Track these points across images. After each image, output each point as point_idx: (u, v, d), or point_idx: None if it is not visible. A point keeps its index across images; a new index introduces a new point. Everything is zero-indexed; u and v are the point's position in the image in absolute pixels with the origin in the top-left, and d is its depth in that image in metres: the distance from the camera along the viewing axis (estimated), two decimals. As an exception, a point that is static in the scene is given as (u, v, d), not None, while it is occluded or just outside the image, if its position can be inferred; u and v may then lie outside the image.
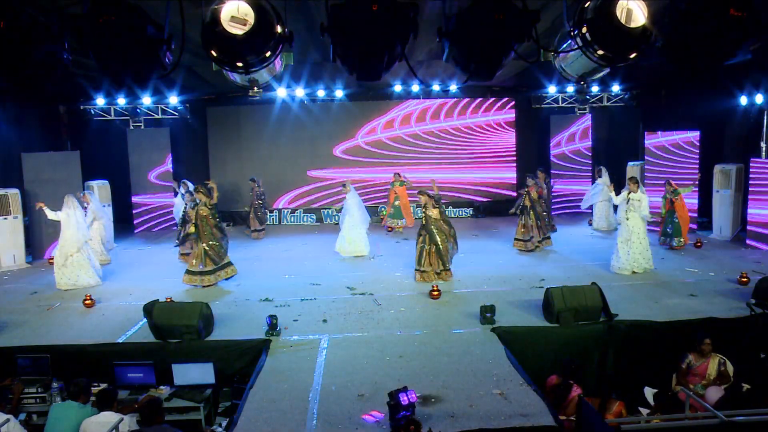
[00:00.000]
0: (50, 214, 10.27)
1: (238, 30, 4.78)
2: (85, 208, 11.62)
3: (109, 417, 5.48)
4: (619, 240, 10.46)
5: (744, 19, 4.74)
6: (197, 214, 10.15)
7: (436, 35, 5.85)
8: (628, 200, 10.37)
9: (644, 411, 7.11)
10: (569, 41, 5.75)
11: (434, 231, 10.13)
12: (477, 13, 4.78)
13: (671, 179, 12.78)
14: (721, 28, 4.86)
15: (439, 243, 10.11)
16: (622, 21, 4.97)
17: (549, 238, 12.62)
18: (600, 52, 5.17)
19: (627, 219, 10.37)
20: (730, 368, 6.91)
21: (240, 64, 5.20)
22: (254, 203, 15.32)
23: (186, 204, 12.24)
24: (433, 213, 10.17)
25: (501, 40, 4.87)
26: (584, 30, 5.11)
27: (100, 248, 12.30)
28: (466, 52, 5.11)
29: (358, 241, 12.44)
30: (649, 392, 7.12)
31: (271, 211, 17.07)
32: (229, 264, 10.38)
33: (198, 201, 10.27)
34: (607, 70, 6.21)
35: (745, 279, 9.35)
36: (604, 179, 14.59)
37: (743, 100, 13.03)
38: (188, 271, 10.17)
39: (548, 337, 7.67)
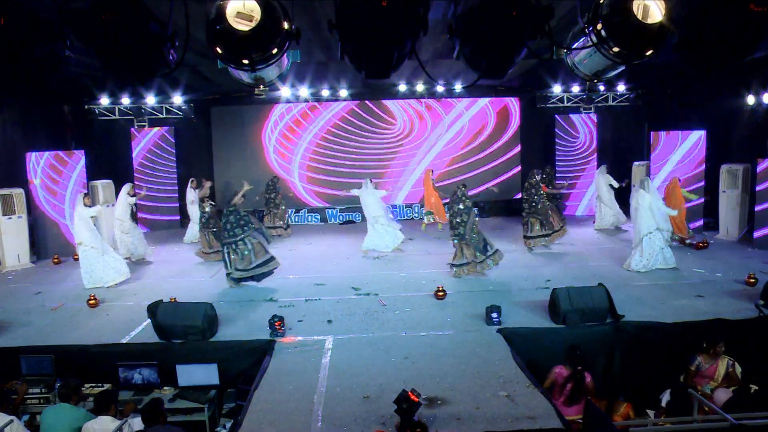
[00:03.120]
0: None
1: (243, 26, 4.72)
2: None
3: (106, 423, 5.43)
4: (635, 239, 10.62)
5: (765, 14, 4.65)
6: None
7: (441, 33, 5.78)
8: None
9: (651, 413, 7.06)
10: (583, 38, 5.67)
11: None
12: (489, 9, 4.70)
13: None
14: (741, 24, 4.77)
15: None
16: (639, 17, 4.87)
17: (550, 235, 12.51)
18: (615, 49, 5.07)
19: (636, 219, 10.53)
20: (738, 370, 6.84)
21: (246, 62, 5.13)
22: (273, 201, 15.28)
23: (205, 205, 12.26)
24: None
25: (514, 37, 4.77)
26: (599, 26, 5.02)
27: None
28: (478, 50, 5.02)
29: (385, 233, 12.49)
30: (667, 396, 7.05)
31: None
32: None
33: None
34: (621, 68, 6.10)
35: (752, 280, 9.28)
36: (603, 178, 14.62)
37: (750, 100, 12.93)
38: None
39: (555, 339, 7.60)
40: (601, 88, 16.51)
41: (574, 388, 6.34)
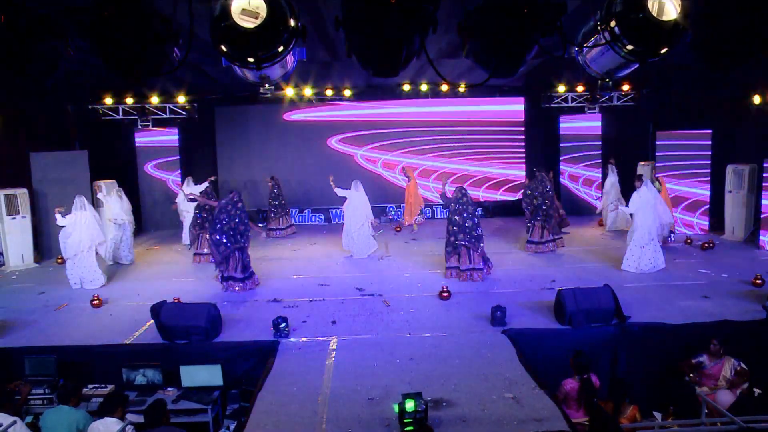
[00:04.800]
0: (60, 220, 10.22)
1: (249, 23, 4.65)
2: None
3: (110, 425, 5.39)
4: (630, 238, 10.55)
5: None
6: None
7: (445, 32, 5.69)
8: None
9: (658, 415, 7.01)
10: (596, 36, 5.60)
11: None
12: (500, 5, 4.61)
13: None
14: (758, 21, 4.67)
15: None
16: (654, 14, 4.78)
17: (561, 238, 12.44)
18: (629, 47, 4.99)
19: (634, 216, 10.50)
20: (745, 372, 6.79)
21: (251, 60, 5.06)
22: (271, 202, 15.25)
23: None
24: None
25: (526, 34, 4.68)
26: (613, 24, 4.93)
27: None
28: (488, 48, 4.92)
29: (367, 239, 12.44)
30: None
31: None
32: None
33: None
34: (634, 66, 6.02)
35: (759, 281, 9.21)
36: (613, 178, 14.50)
37: (756, 99, 12.84)
38: None
39: (560, 340, 7.56)
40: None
41: (588, 398, 6.26)
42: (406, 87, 16.40)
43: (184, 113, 16.75)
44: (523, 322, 7.93)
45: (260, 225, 14.67)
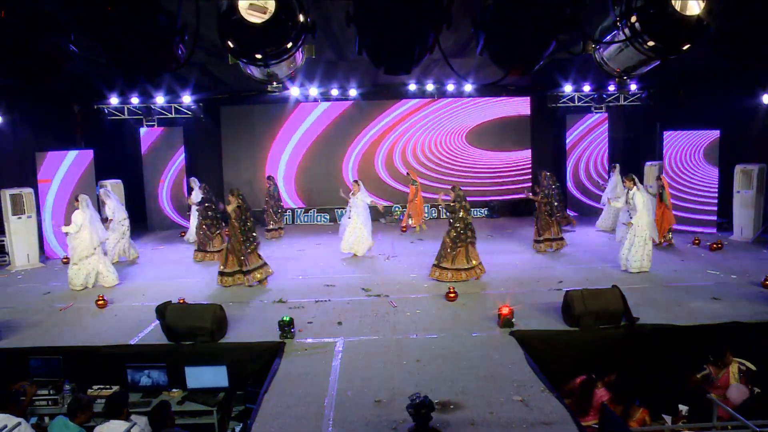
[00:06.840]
0: (71, 228, 10.16)
1: (257, 19, 4.57)
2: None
3: (116, 427, 5.34)
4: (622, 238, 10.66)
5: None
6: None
7: (454, 31, 5.61)
8: (627, 201, 10.53)
9: (668, 418, 6.92)
10: (613, 32, 5.49)
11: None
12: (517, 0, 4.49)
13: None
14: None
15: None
16: (677, 9, 4.67)
17: (561, 239, 12.39)
18: (650, 43, 4.86)
19: (630, 217, 10.50)
20: (750, 371, 6.69)
21: (259, 56, 4.97)
22: (268, 202, 15.23)
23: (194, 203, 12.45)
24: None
25: (544, 30, 4.56)
26: (633, 19, 4.80)
27: (127, 246, 12.43)
28: (505, 45, 4.80)
29: (363, 239, 12.42)
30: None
31: (284, 211, 16.93)
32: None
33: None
34: (654, 64, 5.89)
35: (769, 282, 9.13)
36: (616, 177, 14.45)
37: (765, 99, 12.74)
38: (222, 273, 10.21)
39: (569, 342, 7.49)
40: (611, 87, 16.35)
41: (580, 398, 6.20)
42: (412, 87, 16.36)
43: (189, 113, 16.76)
44: (530, 324, 7.85)
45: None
